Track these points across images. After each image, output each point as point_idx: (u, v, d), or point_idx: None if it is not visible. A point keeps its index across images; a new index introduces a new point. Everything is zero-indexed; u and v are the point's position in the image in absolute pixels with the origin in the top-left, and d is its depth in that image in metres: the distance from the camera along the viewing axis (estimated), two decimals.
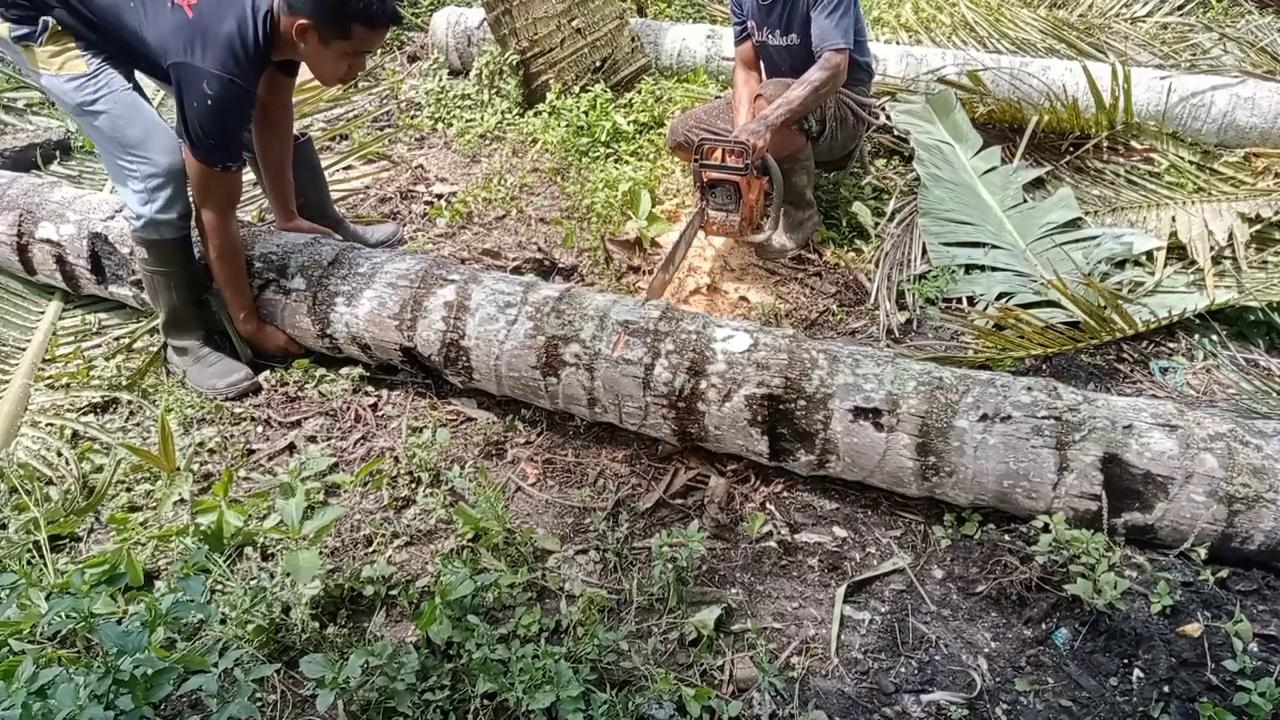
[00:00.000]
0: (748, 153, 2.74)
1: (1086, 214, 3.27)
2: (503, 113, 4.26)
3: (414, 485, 2.28)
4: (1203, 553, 1.89)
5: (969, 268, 3.09)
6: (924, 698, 1.75)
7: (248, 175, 3.73)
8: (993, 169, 3.44)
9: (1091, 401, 2.03)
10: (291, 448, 2.44)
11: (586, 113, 4.03)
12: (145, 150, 2.40)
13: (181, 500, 2.21)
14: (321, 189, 3.17)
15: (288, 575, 1.86)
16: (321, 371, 2.66)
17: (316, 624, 1.84)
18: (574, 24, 4.19)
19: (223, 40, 2.19)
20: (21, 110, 4.21)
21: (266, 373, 2.67)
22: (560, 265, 3.21)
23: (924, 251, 3.19)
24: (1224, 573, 1.91)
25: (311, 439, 2.46)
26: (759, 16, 3.11)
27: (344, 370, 2.63)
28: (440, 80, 4.64)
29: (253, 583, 1.89)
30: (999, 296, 2.95)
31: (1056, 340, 2.62)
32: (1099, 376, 2.63)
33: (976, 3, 4.78)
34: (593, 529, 2.15)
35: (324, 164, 3.85)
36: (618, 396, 2.25)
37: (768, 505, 2.22)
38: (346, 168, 3.93)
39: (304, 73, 4.51)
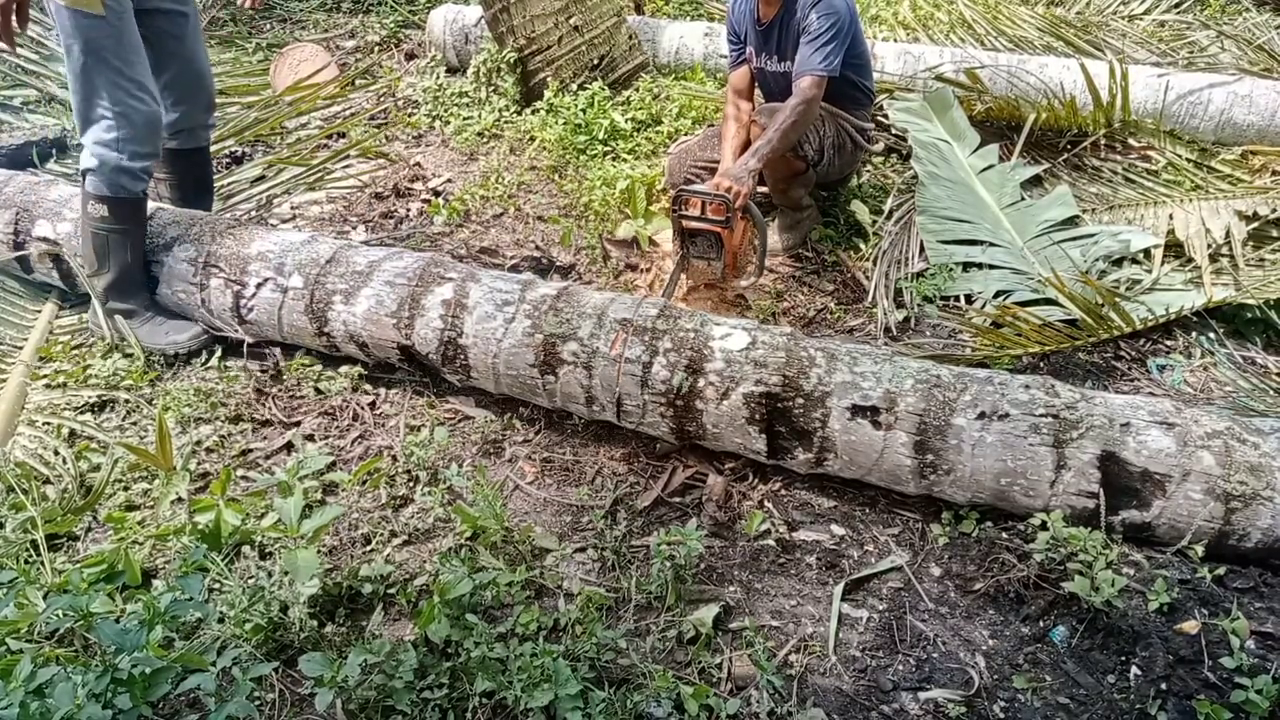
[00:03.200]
0: (729, 206, 2.66)
1: (1084, 212, 3.28)
2: (500, 110, 4.25)
3: (412, 484, 2.28)
4: (1200, 550, 1.89)
5: (967, 266, 3.09)
6: (922, 695, 1.75)
7: (246, 175, 3.73)
8: (990, 167, 3.44)
9: (1089, 399, 2.03)
10: (289, 446, 2.43)
11: (584, 110, 4.03)
12: (133, 95, 2.43)
13: (179, 499, 2.20)
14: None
15: (286, 574, 1.86)
16: (319, 370, 2.66)
17: (315, 623, 1.84)
18: (571, 21, 4.18)
19: None
20: (18, 108, 4.19)
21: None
22: (558, 263, 3.21)
23: (922, 249, 3.19)
24: (1221, 570, 1.92)
25: (309, 438, 2.46)
26: (757, 43, 3.09)
27: (342, 369, 2.63)
28: (438, 78, 4.64)
29: (251, 581, 1.89)
30: (997, 294, 2.95)
31: (1054, 338, 2.62)
32: (1097, 374, 2.63)
33: (974, 0, 4.78)
34: (591, 527, 2.15)
35: (320, 162, 3.86)
36: (616, 395, 2.25)
37: (766, 503, 2.22)
38: (344, 165, 3.92)
39: (301, 71, 4.52)
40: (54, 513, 2.15)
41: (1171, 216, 3.18)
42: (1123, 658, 1.79)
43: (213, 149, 3.89)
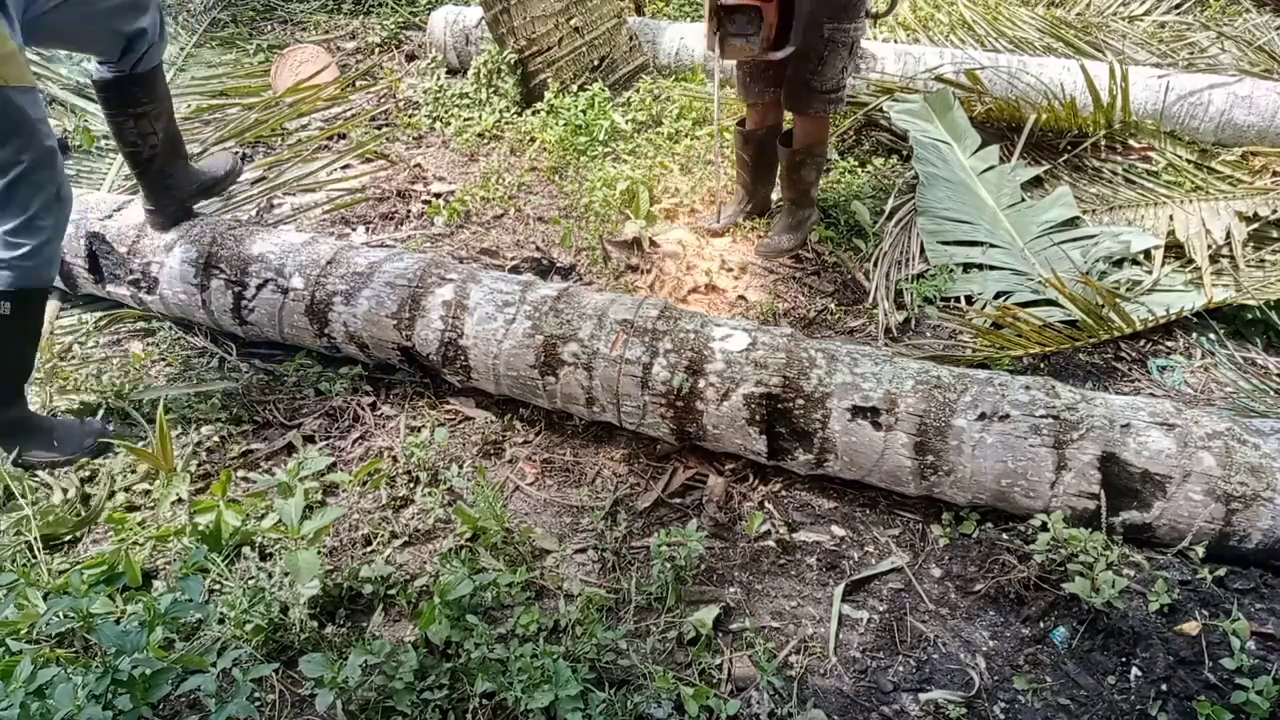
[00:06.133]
0: None
1: (1084, 212, 3.28)
2: (501, 111, 4.25)
3: (412, 485, 2.28)
4: (1200, 551, 1.89)
5: (967, 266, 3.09)
6: (922, 696, 1.75)
7: (247, 176, 3.74)
8: (991, 168, 3.44)
9: (1089, 400, 2.03)
10: (290, 447, 2.44)
11: (584, 111, 4.03)
12: (64, 170, 2.19)
13: (179, 500, 2.20)
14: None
15: (286, 575, 1.86)
16: (319, 371, 2.66)
17: (315, 624, 1.84)
18: (572, 23, 4.18)
19: None
20: None
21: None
22: (558, 264, 3.21)
23: (922, 250, 3.19)
24: (1221, 571, 1.92)
25: (310, 438, 2.46)
26: None
27: (342, 370, 2.63)
28: (438, 79, 4.64)
29: (251, 583, 1.89)
30: (997, 295, 2.95)
31: (1054, 339, 2.62)
32: (1097, 375, 2.63)
33: (974, 1, 4.78)
34: (591, 528, 2.15)
35: (322, 163, 3.86)
36: (616, 395, 2.25)
37: (766, 504, 2.22)
38: (344, 166, 3.92)
39: (302, 73, 4.52)
40: (49, 512, 2.15)
41: (1172, 217, 3.18)
42: (1123, 659, 1.79)
43: (214, 150, 3.90)
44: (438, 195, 3.70)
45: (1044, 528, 1.90)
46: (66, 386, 2.62)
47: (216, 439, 2.43)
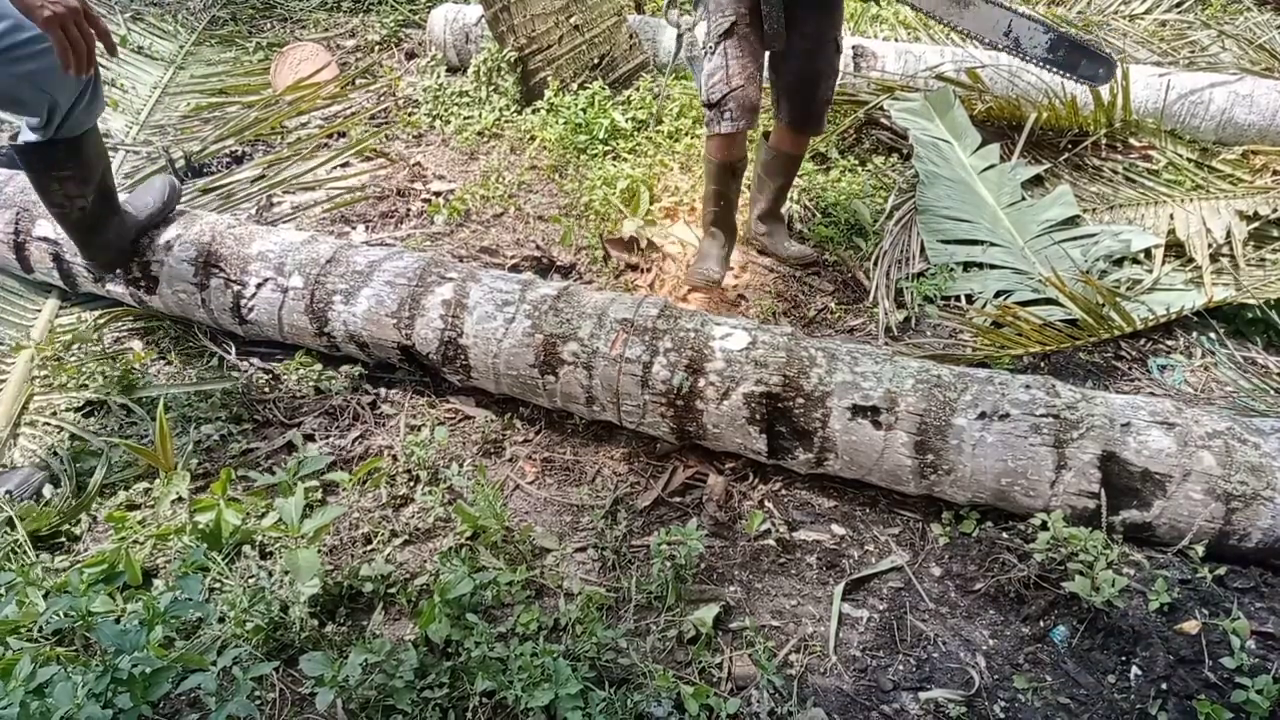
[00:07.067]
0: None
1: (1085, 211, 3.28)
2: (501, 110, 4.25)
3: (412, 484, 2.28)
4: (1200, 550, 1.89)
5: (967, 265, 3.09)
6: (922, 695, 1.75)
7: (246, 174, 3.73)
8: (991, 166, 3.44)
9: (1090, 399, 2.03)
10: (290, 446, 2.43)
11: (584, 110, 4.03)
12: None
13: (179, 499, 2.20)
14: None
15: (287, 574, 1.86)
16: (319, 369, 2.65)
17: (315, 622, 1.84)
18: (572, 21, 4.18)
19: None
20: None
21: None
22: (558, 263, 3.21)
23: (922, 249, 3.19)
24: (1221, 570, 1.92)
25: (310, 437, 2.46)
26: None
27: (342, 368, 2.63)
28: (438, 77, 4.63)
29: (251, 581, 1.89)
30: (997, 294, 2.95)
31: (1055, 338, 2.62)
32: (1097, 374, 2.63)
33: None
34: (591, 527, 2.15)
35: (321, 161, 3.85)
36: (616, 395, 2.25)
37: (766, 503, 2.22)
38: (344, 165, 3.92)
39: (302, 71, 4.52)
40: (29, 511, 2.14)
41: (1172, 216, 3.18)
42: (1123, 658, 1.79)
43: (213, 149, 3.90)
44: (437, 194, 3.70)
45: (1044, 527, 1.90)
46: (68, 385, 2.62)
47: (216, 438, 2.43)
